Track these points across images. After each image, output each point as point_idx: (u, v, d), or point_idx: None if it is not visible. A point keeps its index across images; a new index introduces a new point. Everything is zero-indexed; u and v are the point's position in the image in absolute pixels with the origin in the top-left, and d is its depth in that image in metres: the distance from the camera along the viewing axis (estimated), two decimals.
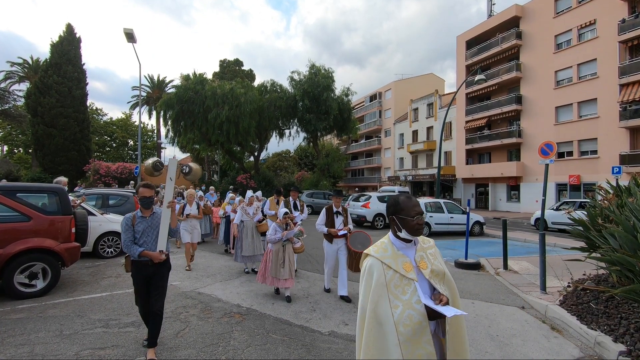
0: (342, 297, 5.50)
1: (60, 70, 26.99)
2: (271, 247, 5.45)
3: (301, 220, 6.91)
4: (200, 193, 10.99)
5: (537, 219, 16.03)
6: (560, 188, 24.55)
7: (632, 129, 20.53)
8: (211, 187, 13.32)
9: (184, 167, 6.72)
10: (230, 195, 10.14)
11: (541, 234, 5.77)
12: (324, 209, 5.69)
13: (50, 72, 26.74)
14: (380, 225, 15.65)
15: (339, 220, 5.57)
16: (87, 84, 29.28)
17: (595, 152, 22.51)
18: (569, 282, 5.73)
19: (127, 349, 3.65)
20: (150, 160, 7.32)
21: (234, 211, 8.00)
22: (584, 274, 6.07)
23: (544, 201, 6.50)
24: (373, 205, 15.73)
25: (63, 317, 4.49)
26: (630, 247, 3.67)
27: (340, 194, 5.77)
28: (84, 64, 28.96)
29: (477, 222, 14.04)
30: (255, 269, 6.72)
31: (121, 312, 4.74)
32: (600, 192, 5.83)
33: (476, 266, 7.88)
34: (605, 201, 5.12)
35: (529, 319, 4.81)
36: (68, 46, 27.80)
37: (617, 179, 5.73)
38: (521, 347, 3.94)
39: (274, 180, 27.39)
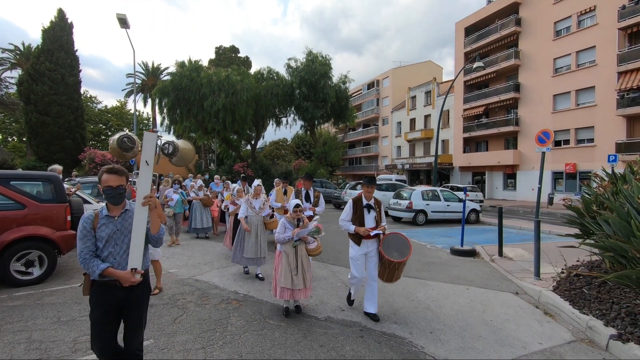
0: (369, 315, 4.30)
1: (53, 57, 26.49)
2: (280, 248, 4.32)
3: (317, 216, 5.51)
4: (200, 182, 10.56)
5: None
6: (557, 176, 24.68)
7: (629, 117, 20.56)
8: (216, 176, 12.66)
9: (167, 145, 4.52)
10: (237, 186, 8.83)
11: (536, 221, 5.81)
12: (351, 201, 4.39)
13: (43, 58, 26.23)
14: None
15: (370, 217, 4.29)
16: (81, 70, 28.79)
17: (592, 140, 22.57)
18: (562, 269, 5.80)
19: None
20: (115, 136, 4.80)
21: (234, 203, 7.30)
22: (578, 261, 6.14)
23: (539, 189, 6.53)
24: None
25: (60, 304, 4.50)
26: (623, 233, 3.70)
27: (373, 182, 4.37)
28: (76, 51, 28.41)
29: (473, 210, 14.13)
30: (260, 275, 5.84)
31: None
32: (596, 180, 5.85)
33: (472, 253, 7.96)
34: (600, 188, 5.15)
35: (522, 305, 4.88)
36: (60, 32, 27.22)
37: (612, 167, 5.76)
38: (514, 331, 4.01)
39: (271, 168, 27.28)
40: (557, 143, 24.29)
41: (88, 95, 42.89)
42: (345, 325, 4.07)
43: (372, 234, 4.19)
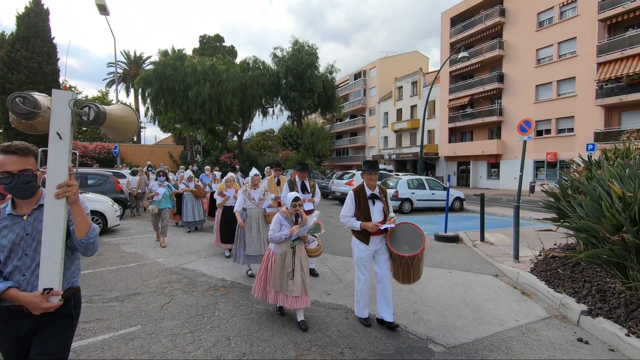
0: (384, 323, 3.66)
1: (29, 45, 25.48)
2: (274, 248, 3.77)
3: (317, 211, 4.50)
4: (190, 173, 9.83)
5: None
6: (538, 165, 25.32)
7: (607, 107, 21.16)
8: (207, 167, 12.21)
9: (87, 107, 1.86)
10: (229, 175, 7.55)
11: (515, 207, 6.01)
12: (351, 193, 3.74)
13: (18, 46, 25.22)
14: None
15: (376, 209, 3.65)
16: (59, 59, 27.81)
17: (572, 130, 23.18)
18: (540, 251, 6.03)
19: (112, 322, 3.70)
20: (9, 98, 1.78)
21: (221, 194, 6.47)
22: (555, 244, 6.40)
23: (521, 177, 6.74)
24: (357, 182, 15.86)
25: None
26: (595, 215, 3.89)
27: (375, 167, 3.71)
28: (53, 38, 27.41)
29: (458, 198, 14.43)
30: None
31: (104, 288, 4.75)
32: (573, 166, 6.07)
33: (455, 239, 8.17)
34: (576, 173, 5.35)
35: (501, 285, 5.08)
36: (35, 18, 26.14)
37: (589, 155, 6.00)
38: (493, 310, 4.19)
39: (258, 159, 27.19)
40: (539, 133, 24.87)
41: (67, 86, 41.48)
42: (331, 309, 4.17)
43: (382, 228, 3.58)
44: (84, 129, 43.63)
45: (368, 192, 3.70)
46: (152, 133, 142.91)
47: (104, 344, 3.23)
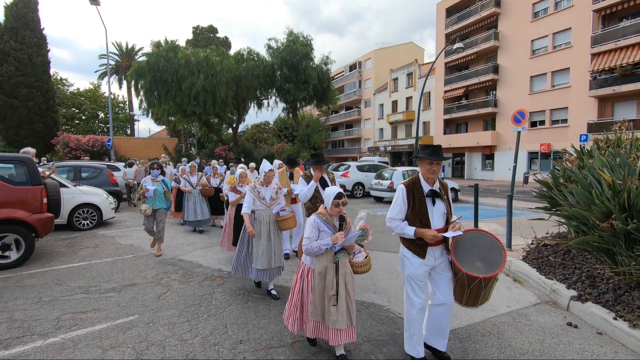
0: (435, 353, 2.93)
1: (18, 36, 25.02)
2: (310, 263, 2.85)
3: (364, 212, 3.37)
4: (185, 166, 8.83)
5: None
6: (532, 156, 25.52)
7: (600, 98, 21.31)
8: (213, 161, 11.14)
9: None
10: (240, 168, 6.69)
11: (508, 196, 6.08)
12: (402, 187, 2.77)
13: (7, 37, 24.75)
14: (359, 194, 15.95)
15: (437, 211, 2.74)
16: (49, 50, 27.35)
17: (565, 121, 23.34)
18: (532, 240, 6.13)
19: (109, 312, 3.72)
20: None
21: (235, 190, 5.53)
22: (547, 232, 6.50)
23: (515, 168, 6.82)
24: (352, 175, 15.95)
25: (41, 286, 4.48)
26: (585, 203, 3.95)
27: (438, 154, 2.71)
28: (43, 29, 26.90)
29: (452, 189, 14.54)
30: (274, 291, 4.27)
31: (101, 279, 4.76)
32: (565, 156, 6.14)
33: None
34: (568, 163, 5.42)
35: None
36: (24, 9, 25.62)
37: (581, 145, 6.10)
38: None
39: (253, 151, 27.07)
40: (533, 124, 25.02)
41: (58, 78, 40.86)
42: None
43: (447, 235, 2.65)
44: (76, 121, 43.16)
45: (426, 187, 2.72)
46: (146, 126, 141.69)
47: (102, 333, 3.26)
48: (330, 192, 2.83)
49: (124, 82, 38.74)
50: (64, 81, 42.04)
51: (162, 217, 6.06)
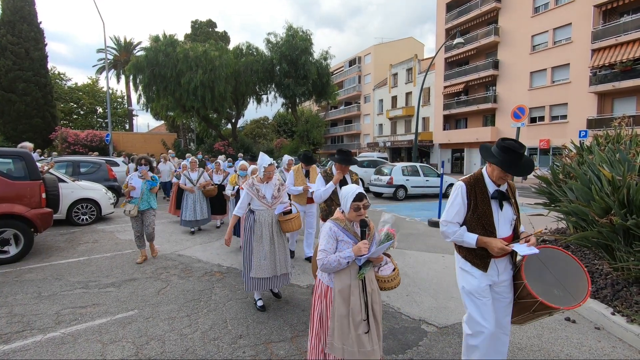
0: None
1: (15, 30, 24.85)
2: (328, 281, 2.25)
3: (389, 214, 2.57)
4: (186, 162, 7.87)
5: None
6: (531, 152, 25.51)
7: (600, 94, 21.27)
8: (221, 157, 10.93)
9: None
10: (241, 161, 6.83)
11: None
12: (461, 185, 2.34)
13: (4, 31, 24.58)
14: None
15: (504, 218, 2.27)
16: (46, 44, 27.18)
17: (565, 116, 23.32)
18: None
19: (109, 307, 3.73)
20: None
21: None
22: (546, 228, 6.51)
23: None
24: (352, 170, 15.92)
25: (40, 281, 4.47)
26: (584, 198, 3.96)
27: (523, 168, 2.21)
28: (40, 23, 26.70)
29: (451, 185, 14.54)
30: (280, 293, 4.02)
31: (100, 274, 4.76)
32: (564, 151, 6.14)
33: None
34: (567, 158, 5.42)
35: None
36: (21, 2, 25.42)
37: (581, 141, 6.12)
38: None
39: (252, 147, 27.03)
40: (533, 120, 24.99)
41: (56, 72, 40.63)
42: None
43: (521, 251, 2.12)
44: (74, 116, 42.96)
45: (491, 187, 2.25)
46: (144, 121, 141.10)
47: (102, 327, 3.26)
48: (347, 193, 2.25)
49: (122, 77, 38.50)
50: (61, 76, 41.81)
51: (151, 219, 5.37)
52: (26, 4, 25.76)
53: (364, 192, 2.26)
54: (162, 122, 39.75)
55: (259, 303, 3.75)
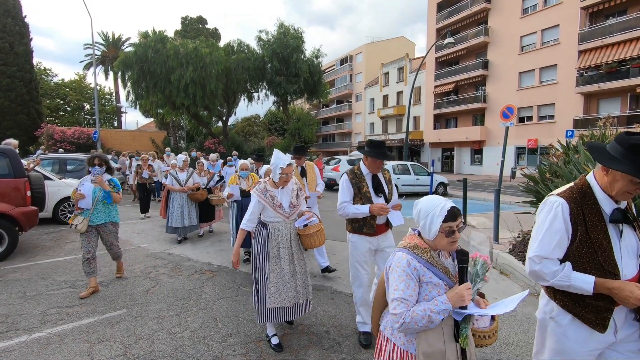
0: None
1: None
2: (406, 345, 1.53)
3: (481, 233, 2.36)
4: (175, 161, 7.09)
5: None
6: (519, 151, 25.93)
7: (586, 94, 21.70)
8: (213, 155, 10.21)
9: None
10: (239, 161, 5.63)
11: (496, 190, 6.17)
12: (557, 200, 1.60)
13: None
14: None
15: (628, 247, 1.55)
16: (31, 39, 26.54)
17: (552, 116, 23.73)
18: (519, 233, 6.25)
19: (97, 306, 3.68)
20: None
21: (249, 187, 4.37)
22: (533, 226, 6.63)
23: (502, 162, 6.93)
24: (343, 169, 15.97)
25: (25, 280, 4.39)
26: None
27: None
28: (25, 17, 26.06)
29: (441, 183, 14.70)
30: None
31: None
32: (551, 151, 6.25)
33: None
34: (554, 158, 5.52)
35: None
36: None
37: (567, 140, 6.26)
38: None
39: (244, 145, 26.84)
40: (521, 119, 25.37)
41: (42, 68, 39.70)
42: (317, 290, 4.24)
43: None
44: (61, 113, 42.10)
45: (608, 206, 1.56)
46: (133, 118, 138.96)
47: (89, 327, 3.22)
48: (432, 209, 1.54)
49: (111, 73, 37.86)
50: (47, 71, 40.87)
51: (112, 237, 4.29)
52: None
53: (456, 207, 1.56)
54: (152, 119, 39.23)
55: (274, 341, 2.94)
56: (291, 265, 2.89)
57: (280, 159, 2.84)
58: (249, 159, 8.61)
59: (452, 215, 1.52)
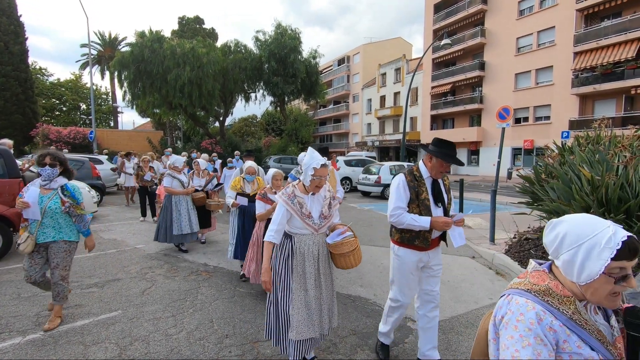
0: None
1: None
2: None
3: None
4: (179, 159, 6.16)
5: None
6: (515, 152, 26.05)
7: (582, 95, 21.84)
8: (214, 155, 9.63)
9: None
10: (243, 164, 5.19)
11: (492, 191, 6.20)
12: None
13: None
14: (347, 188, 16.01)
15: None
16: (27, 38, 26.38)
17: (548, 117, 23.88)
18: (514, 234, 6.28)
19: (92, 308, 3.65)
20: None
21: (266, 199, 3.80)
22: (529, 227, 6.66)
23: (499, 163, 6.97)
24: (340, 169, 16.00)
25: (20, 282, 4.35)
26: (565, 197, 4.07)
27: None
28: (20, 16, 25.90)
29: None
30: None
31: (83, 274, 4.66)
32: (547, 152, 6.29)
33: None
34: (550, 159, 5.55)
35: (477, 267, 5.28)
36: None
37: (563, 142, 6.31)
38: (469, 289, 4.36)
39: (240, 145, 26.80)
40: (517, 120, 25.50)
41: (37, 67, 39.45)
42: None
43: None
44: (57, 113, 41.84)
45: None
46: (130, 118, 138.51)
47: (84, 329, 3.20)
48: (593, 235, 1.03)
49: (107, 73, 37.67)
50: (43, 71, 40.62)
51: (60, 257, 3.19)
52: None
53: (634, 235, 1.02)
54: (148, 119, 39.09)
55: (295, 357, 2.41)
56: (317, 287, 2.42)
57: (314, 158, 2.35)
58: (252, 161, 8.27)
59: (633, 250, 0.98)
